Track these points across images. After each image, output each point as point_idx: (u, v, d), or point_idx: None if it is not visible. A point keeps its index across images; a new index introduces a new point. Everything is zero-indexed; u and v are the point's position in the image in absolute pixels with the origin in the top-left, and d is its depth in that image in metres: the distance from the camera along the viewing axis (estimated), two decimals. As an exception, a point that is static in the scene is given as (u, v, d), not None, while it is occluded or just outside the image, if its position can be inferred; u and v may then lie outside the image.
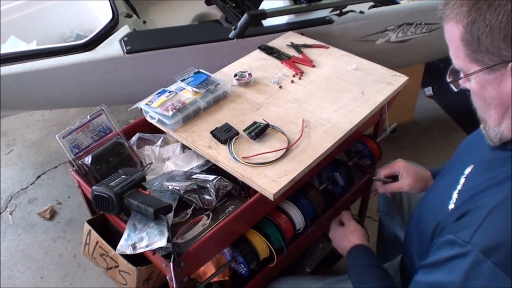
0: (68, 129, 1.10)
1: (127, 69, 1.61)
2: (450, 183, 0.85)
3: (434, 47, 1.97)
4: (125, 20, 1.87)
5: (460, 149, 1.00)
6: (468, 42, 0.70)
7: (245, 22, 1.53)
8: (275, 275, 1.25)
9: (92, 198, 1.01)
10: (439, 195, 0.88)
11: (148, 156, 1.21)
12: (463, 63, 0.74)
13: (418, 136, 2.36)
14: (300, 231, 1.22)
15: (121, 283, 1.11)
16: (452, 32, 0.72)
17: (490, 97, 0.73)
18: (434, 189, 0.97)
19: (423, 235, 0.88)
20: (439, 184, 0.96)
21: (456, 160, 0.98)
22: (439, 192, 0.90)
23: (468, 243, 0.69)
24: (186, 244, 0.97)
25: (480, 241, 0.68)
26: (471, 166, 0.83)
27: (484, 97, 0.74)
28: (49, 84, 1.61)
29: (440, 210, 0.83)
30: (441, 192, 0.88)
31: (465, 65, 0.74)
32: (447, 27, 0.74)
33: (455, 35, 0.72)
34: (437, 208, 0.85)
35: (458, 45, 0.72)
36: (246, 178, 1.04)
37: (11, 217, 2.03)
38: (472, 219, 0.71)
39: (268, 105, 1.27)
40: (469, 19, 0.69)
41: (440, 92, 2.67)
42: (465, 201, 0.77)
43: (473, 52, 0.71)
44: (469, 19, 0.69)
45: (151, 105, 1.20)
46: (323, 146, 1.13)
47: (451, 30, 0.73)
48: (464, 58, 0.73)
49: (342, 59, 1.46)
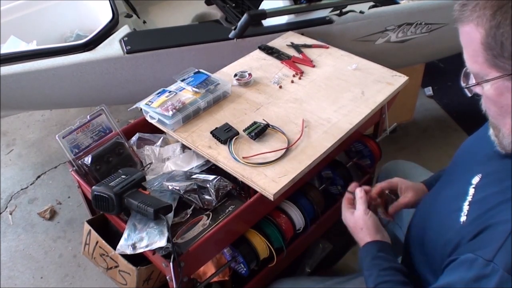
0: (68, 129, 1.10)
1: (127, 69, 1.61)
2: (457, 193, 0.82)
3: (434, 47, 1.97)
4: (125, 20, 1.87)
5: (460, 155, 0.97)
6: (489, 47, 0.67)
7: (245, 22, 1.53)
8: (275, 275, 1.25)
9: (92, 198, 1.01)
10: (446, 205, 0.85)
11: (148, 156, 1.21)
12: (481, 67, 0.69)
13: (418, 136, 2.36)
14: (300, 231, 1.22)
15: (121, 283, 1.11)
16: (472, 35, 0.68)
17: (507, 104, 0.69)
18: (439, 199, 0.92)
19: (429, 247, 0.86)
20: (443, 194, 0.91)
21: (457, 167, 0.94)
22: (446, 202, 0.87)
23: (492, 262, 0.66)
24: (186, 244, 0.97)
25: (504, 260, 0.65)
26: (479, 176, 0.80)
27: (501, 104, 0.70)
28: (49, 84, 1.61)
29: (449, 222, 0.80)
30: (447, 202, 0.85)
31: (483, 70, 0.70)
32: (465, 29, 0.70)
33: (474, 38, 0.68)
34: (445, 219, 0.82)
35: (478, 49, 0.68)
36: (246, 178, 1.04)
37: (11, 217, 2.03)
38: (492, 236, 0.69)
39: (268, 105, 1.27)
40: (493, 23, 0.65)
41: (440, 92, 2.66)
42: (479, 215, 0.74)
43: (494, 57, 0.67)
44: (493, 23, 0.65)
45: (151, 105, 1.20)
46: (323, 146, 1.13)
47: (471, 33, 0.68)
48: (483, 62, 0.69)
49: (342, 59, 1.46)
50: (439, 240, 0.82)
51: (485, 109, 0.76)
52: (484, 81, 0.70)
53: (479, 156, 0.86)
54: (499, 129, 0.75)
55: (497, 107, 0.72)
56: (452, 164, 0.98)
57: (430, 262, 0.86)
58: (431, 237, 0.86)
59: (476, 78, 0.72)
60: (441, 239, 0.81)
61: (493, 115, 0.74)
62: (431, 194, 1.00)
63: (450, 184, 0.91)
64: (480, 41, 0.67)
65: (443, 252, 0.80)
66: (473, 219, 0.75)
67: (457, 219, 0.78)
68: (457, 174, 0.91)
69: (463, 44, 0.72)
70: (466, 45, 0.71)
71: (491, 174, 0.79)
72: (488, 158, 0.82)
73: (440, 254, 0.81)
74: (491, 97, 0.71)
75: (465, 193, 0.80)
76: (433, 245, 0.85)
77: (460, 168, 0.91)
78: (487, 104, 0.74)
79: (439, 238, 0.82)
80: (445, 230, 0.81)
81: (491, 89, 0.70)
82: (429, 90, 2.66)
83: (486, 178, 0.80)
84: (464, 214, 0.78)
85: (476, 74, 0.72)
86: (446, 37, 1.86)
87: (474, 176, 0.81)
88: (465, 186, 0.81)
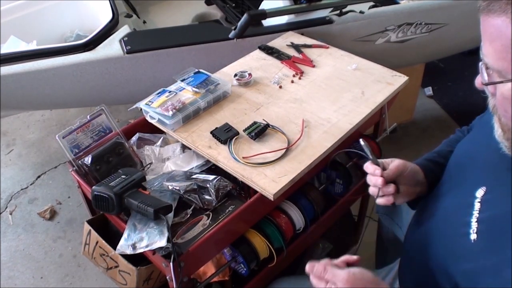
0: (68, 129, 1.10)
1: (127, 69, 1.61)
2: (461, 205, 0.79)
3: (434, 47, 1.97)
4: (125, 20, 1.87)
5: (457, 161, 0.93)
6: None
7: (245, 22, 1.53)
8: (275, 275, 1.25)
9: (92, 198, 1.01)
10: (451, 217, 0.82)
11: (148, 156, 1.21)
12: (509, 65, 0.63)
13: (418, 136, 2.36)
14: (300, 231, 1.22)
15: (121, 283, 1.11)
16: (503, 29, 0.62)
17: None
18: (441, 207, 0.89)
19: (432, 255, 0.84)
20: (445, 203, 0.88)
21: (457, 173, 0.90)
22: (450, 214, 0.84)
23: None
24: (186, 244, 0.97)
25: None
26: (483, 189, 0.78)
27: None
28: (49, 84, 1.61)
29: (457, 237, 0.77)
30: (452, 213, 0.82)
31: (510, 68, 0.63)
32: (495, 22, 0.63)
33: (506, 32, 0.62)
34: (452, 232, 0.80)
35: (509, 45, 0.62)
36: (246, 178, 1.04)
37: (11, 217, 2.03)
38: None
39: (268, 105, 1.27)
40: None
41: (440, 92, 2.66)
42: (492, 239, 0.72)
43: None
44: None
45: (151, 105, 1.20)
46: (323, 146, 1.13)
47: (502, 26, 0.62)
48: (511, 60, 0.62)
49: (342, 59, 1.46)
50: (447, 254, 0.80)
51: (498, 109, 0.70)
52: (509, 80, 0.64)
53: (479, 163, 0.83)
54: None
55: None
56: (449, 170, 0.94)
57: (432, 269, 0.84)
58: (437, 248, 0.84)
59: (497, 75, 0.66)
60: (450, 254, 0.79)
61: (509, 117, 0.68)
62: (431, 200, 0.96)
63: (452, 194, 0.87)
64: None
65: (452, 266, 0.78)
66: (485, 241, 0.73)
67: (467, 236, 0.75)
68: (457, 183, 0.88)
69: (488, 37, 0.65)
70: (493, 39, 0.64)
71: (497, 188, 0.76)
72: (492, 168, 0.79)
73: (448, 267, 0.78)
74: (510, 97, 0.65)
75: (470, 206, 0.77)
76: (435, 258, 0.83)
77: (461, 174, 0.88)
78: (503, 105, 0.68)
79: (447, 252, 0.80)
80: (454, 244, 0.78)
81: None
82: (429, 90, 2.66)
83: (491, 193, 0.77)
84: (473, 231, 0.75)
85: (499, 71, 0.65)
86: (446, 37, 1.86)
87: (477, 189, 0.78)
88: (469, 199, 0.78)
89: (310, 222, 1.23)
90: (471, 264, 0.73)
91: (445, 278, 0.79)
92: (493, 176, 0.78)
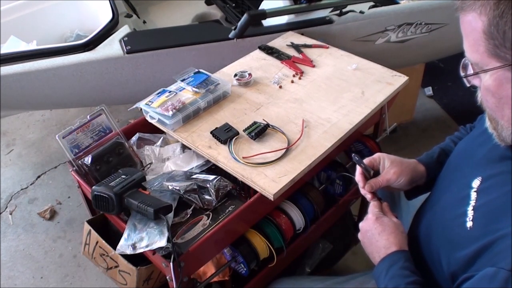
0: (68, 129, 1.10)
1: (127, 69, 1.61)
2: (459, 197, 0.81)
3: (434, 47, 1.97)
4: (125, 20, 1.87)
5: (455, 160, 0.95)
6: (491, 36, 0.66)
7: (245, 22, 1.53)
8: (275, 275, 1.25)
9: (92, 198, 1.01)
10: (449, 210, 0.84)
11: (148, 156, 1.21)
12: (481, 57, 0.68)
13: (418, 136, 2.36)
14: (300, 231, 1.22)
15: (121, 283, 1.11)
16: (473, 24, 0.68)
17: (507, 95, 0.68)
18: (440, 204, 0.91)
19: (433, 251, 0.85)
20: (443, 199, 0.90)
21: (454, 171, 0.92)
22: (448, 207, 0.85)
23: None
24: (186, 244, 0.97)
25: None
26: (479, 179, 0.80)
27: (500, 96, 0.69)
28: (49, 84, 1.61)
29: (455, 227, 0.79)
30: (450, 207, 0.84)
31: (483, 60, 0.69)
32: (467, 18, 0.69)
33: (476, 27, 0.67)
34: (450, 223, 0.81)
35: (479, 38, 0.67)
36: (246, 178, 1.04)
37: (11, 217, 2.03)
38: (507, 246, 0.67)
39: (268, 105, 1.27)
40: (496, 12, 0.64)
41: (440, 92, 2.66)
42: (486, 223, 0.73)
43: (495, 46, 0.66)
44: (497, 12, 0.64)
45: (151, 105, 1.20)
46: (323, 146, 1.13)
47: (472, 22, 0.68)
48: (483, 52, 0.68)
49: (342, 59, 1.46)
50: (445, 245, 0.81)
51: (482, 101, 0.74)
52: (483, 71, 0.69)
53: (475, 158, 0.85)
54: (497, 121, 0.74)
55: (496, 98, 0.70)
56: (446, 169, 0.96)
57: (435, 267, 0.85)
58: (436, 242, 0.85)
59: (476, 68, 0.71)
60: (448, 244, 0.80)
61: (491, 107, 0.73)
62: (430, 200, 0.98)
63: (449, 189, 0.89)
64: (482, 30, 0.67)
65: (450, 256, 0.79)
66: (481, 226, 0.74)
67: (463, 224, 0.77)
68: (454, 179, 0.90)
69: (463, 33, 0.71)
70: (467, 34, 0.70)
71: (492, 177, 0.78)
72: (486, 160, 0.81)
73: (447, 258, 0.80)
74: (490, 88, 0.70)
75: (467, 197, 0.79)
76: (434, 248, 0.84)
77: (458, 173, 0.90)
78: (485, 96, 0.72)
79: (446, 242, 0.81)
80: (451, 234, 0.80)
81: (490, 80, 0.69)
82: (429, 90, 2.66)
83: (487, 181, 0.78)
84: (469, 219, 0.76)
85: (476, 64, 0.70)
86: (446, 37, 1.86)
87: (473, 179, 0.80)
88: (466, 190, 0.80)
89: (310, 222, 1.23)
90: (467, 250, 0.75)
91: (445, 269, 0.80)
92: (488, 166, 0.80)
